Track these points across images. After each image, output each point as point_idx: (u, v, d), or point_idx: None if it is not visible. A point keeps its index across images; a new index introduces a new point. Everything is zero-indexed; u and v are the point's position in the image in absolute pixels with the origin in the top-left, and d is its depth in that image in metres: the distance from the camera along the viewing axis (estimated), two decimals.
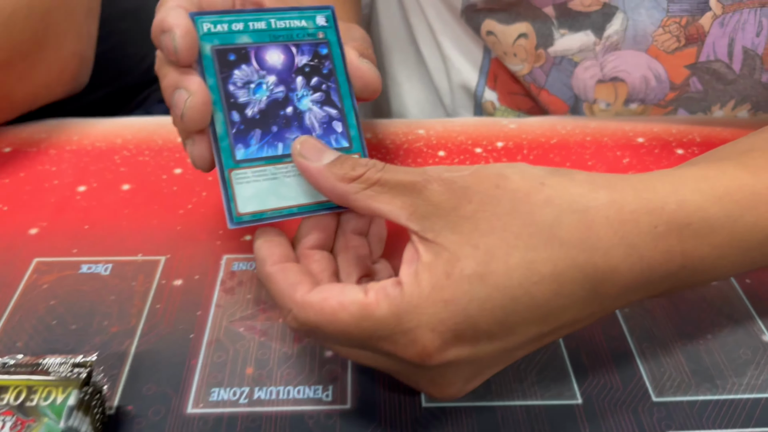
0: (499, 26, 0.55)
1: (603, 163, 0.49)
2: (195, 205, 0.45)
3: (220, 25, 0.33)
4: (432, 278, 0.27)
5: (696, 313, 0.38)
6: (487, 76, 0.60)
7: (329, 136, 0.34)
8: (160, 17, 0.32)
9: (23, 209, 0.45)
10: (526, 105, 0.60)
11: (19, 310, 0.38)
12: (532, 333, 0.28)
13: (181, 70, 0.32)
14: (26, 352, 0.35)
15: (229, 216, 0.31)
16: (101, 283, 0.39)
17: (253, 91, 0.33)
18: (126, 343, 0.36)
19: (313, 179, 0.30)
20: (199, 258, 0.41)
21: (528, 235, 0.27)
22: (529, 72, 0.56)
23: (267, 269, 0.30)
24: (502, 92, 0.60)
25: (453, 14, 0.59)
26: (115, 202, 0.45)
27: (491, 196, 0.28)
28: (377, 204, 0.29)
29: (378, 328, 0.27)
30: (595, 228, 0.28)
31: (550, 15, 0.52)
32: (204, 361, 0.35)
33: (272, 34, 0.34)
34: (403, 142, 0.52)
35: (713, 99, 0.54)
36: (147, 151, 0.50)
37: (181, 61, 0.32)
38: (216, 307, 0.38)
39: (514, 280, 0.27)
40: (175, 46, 0.31)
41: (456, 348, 0.27)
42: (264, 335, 0.37)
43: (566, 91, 0.56)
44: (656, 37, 0.50)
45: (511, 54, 0.56)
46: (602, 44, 0.52)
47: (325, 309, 0.28)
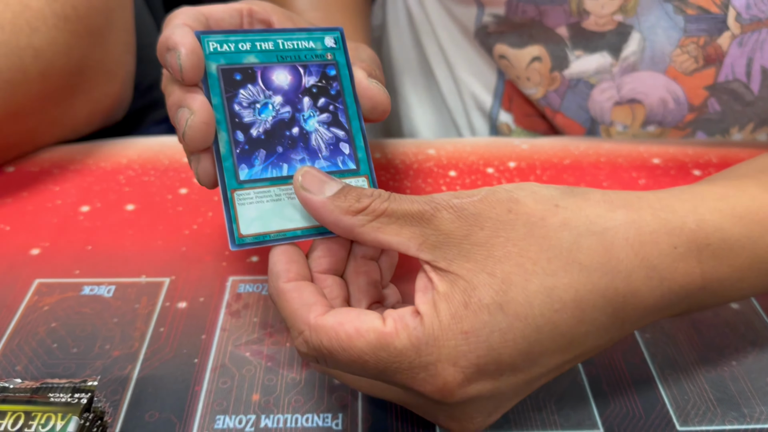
0: (511, 50, 0.55)
1: (619, 185, 0.48)
2: (200, 226, 0.44)
3: (226, 45, 0.33)
4: (450, 308, 0.26)
5: (719, 338, 0.37)
6: (501, 98, 0.59)
7: (336, 157, 0.33)
8: (165, 35, 0.32)
9: (25, 229, 0.44)
10: (542, 127, 0.59)
11: (19, 333, 0.36)
12: (554, 362, 0.27)
13: (185, 88, 0.31)
14: (26, 376, 0.34)
15: (231, 237, 0.30)
16: (103, 305, 0.38)
17: (258, 111, 0.32)
18: (128, 367, 0.35)
19: (317, 213, 0.29)
20: (204, 280, 0.40)
21: (546, 260, 0.26)
22: (544, 96, 0.55)
23: (281, 285, 0.29)
24: (517, 114, 0.59)
25: (466, 36, 0.59)
26: (119, 222, 0.44)
27: (504, 222, 0.27)
28: (384, 236, 0.28)
29: (396, 360, 0.26)
30: (615, 250, 0.27)
31: (564, 36, 0.52)
32: (209, 387, 0.34)
33: (280, 54, 0.34)
34: (413, 162, 0.51)
35: (732, 121, 0.53)
36: (152, 171, 0.49)
37: (186, 79, 0.31)
38: (221, 331, 0.37)
39: (536, 309, 0.26)
40: (180, 65, 0.31)
41: (478, 383, 0.26)
42: (271, 360, 0.35)
43: (582, 113, 0.55)
44: (674, 57, 0.49)
45: (524, 78, 0.56)
46: (619, 65, 0.51)
47: (340, 334, 0.26)
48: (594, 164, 0.50)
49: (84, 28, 0.48)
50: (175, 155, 0.51)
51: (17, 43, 0.44)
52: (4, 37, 0.44)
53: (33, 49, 0.45)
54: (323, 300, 0.28)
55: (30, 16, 0.45)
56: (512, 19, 0.53)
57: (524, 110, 0.59)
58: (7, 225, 0.44)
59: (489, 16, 0.54)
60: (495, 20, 0.54)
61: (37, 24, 0.45)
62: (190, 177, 0.48)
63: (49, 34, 0.46)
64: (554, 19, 0.51)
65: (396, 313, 0.27)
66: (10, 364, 0.35)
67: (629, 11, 0.49)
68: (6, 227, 0.44)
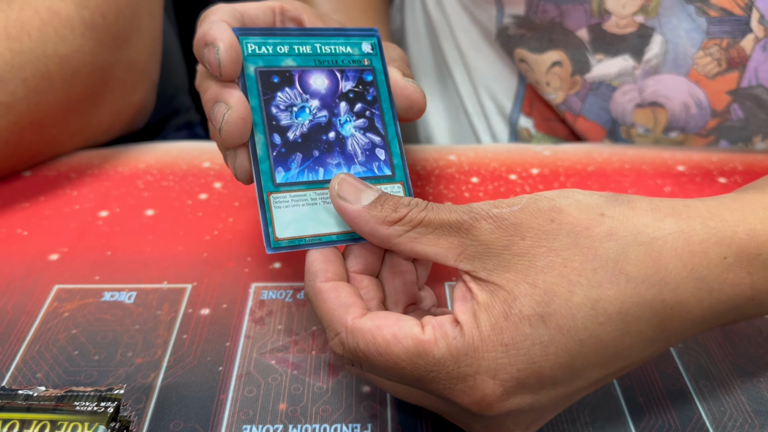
0: (531, 55, 0.54)
1: (644, 192, 0.47)
2: (221, 232, 0.43)
3: (264, 47, 0.33)
4: (491, 319, 0.25)
5: (753, 348, 0.36)
6: (522, 102, 0.59)
7: (372, 163, 0.32)
8: (203, 30, 0.31)
9: (43, 234, 0.43)
10: (563, 132, 0.58)
11: (39, 339, 0.36)
12: (596, 376, 0.26)
13: (222, 84, 0.31)
14: (47, 383, 0.33)
15: (266, 240, 0.30)
16: (125, 311, 0.38)
17: (295, 114, 0.32)
18: (151, 375, 0.34)
19: (353, 223, 0.28)
20: (227, 286, 0.39)
21: (591, 271, 0.26)
22: (564, 100, 0.55)
23: (318, 284, 0.28)
24: (537, 119, 0.59)
25: (487, 40, 0.58)
26: (139, 227, 0.44)
27: (547, 231, 0.26)
28: (422, 246, 0.27)
29: (434, 369, 0.25)
30: (664, 261, 0.26)
31: (584, 39, 0.51)
32: (234, 396, 0.33)
33: (317, 58, 0.33)
34: (434, 168, 0.50)
35: (755, 129, 0.52)
36: (171, 176, 0.49)
37: (224, 75, 0.31)
38: (245, 338, 0.36)
39: (579, 321, 0.25)
40: (218, 59, 0.30)
41: (518, 397, 0.25)
42: (297, 368, 0.35)
43: (603, 114, 0.55)
44: (697, 60, 0.49)
45: (544, 83, 0.55)
46: (641, 68, 0.51)
47: (378, 339, 0.26)
48: (618, 171, 0.50)
49: (111, 36, 0.47)
50: (194, 160, 0.50)
51: (44, 50, 0.44)
52: (31, 45, 0.43)
53: (59, 57, 0.44)
54: (360, 302, 0.28)
55: (58, 24, 0.44)
56: (533, 19, 0.52)
57: (544, 115, 0.58)
58: (25, 230, 0.44)
59: (509, 18, 0.54)
60: (515, 21, 0.54)
61: (65, 32, 0.45)
62: (209, 182, 0.48)
63: (76, 42, 0.45)
64: (575, 20, 0.50)
65: (435, 320, 0.26)
66: (31, 372, 0.34)
67: (650, 12, 0.48)
68: (24, 232, 0.43)
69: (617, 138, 0.55)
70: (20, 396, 0.29)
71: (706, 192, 0.48)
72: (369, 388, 0.34)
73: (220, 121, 0.30)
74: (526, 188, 0.48)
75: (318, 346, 0.36)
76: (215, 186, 0.47)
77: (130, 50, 0.50)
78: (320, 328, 0.37)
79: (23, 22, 0.43)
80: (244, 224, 0.44)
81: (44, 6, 0.44)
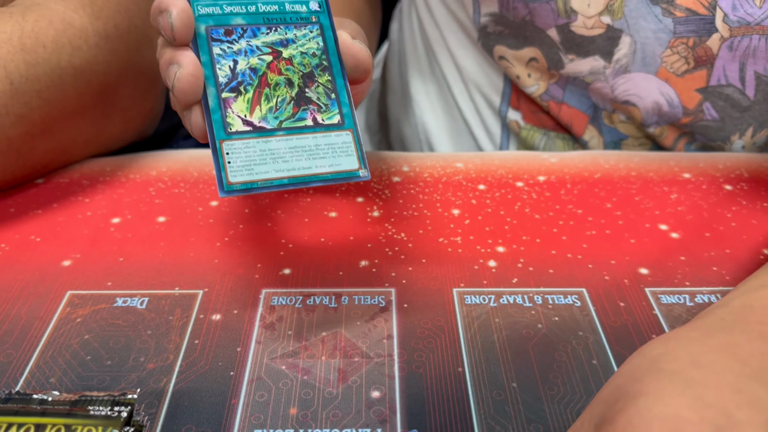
0: (509, 51, 0.56)
1: (651, 199, 0.48)
2: (231, 238, 0.44)
3: (214, 8, 0.35)
4: None
5: None
6: (510, 97, 0.60)
7: None
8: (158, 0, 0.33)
9: (56, 241, 0.44)
10: (550, 122, 0.60)
11: (52, 345, 0.36)
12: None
13: (176, 48, 0.33)
14: (60, 388, 0.34)
15: (219, 185, 0.32)
16: (137, 317, 0.38)
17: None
18: (163, 380, 0.34)
19: None
20: (237, 292, 0.40)
21: None
22: (546, 90, 0.56)
23: None
24: (525, 111, 0.60)
25: (470, 39, 0.60)
26: (150, 234, 0.44)
27: None
28: None
29: None
30: None
31: (555, 39, 0.52)
32: (245, 401, 0.33)
33: (266, 16, 0.35)
34: (441, 176, 0.50)
35: (731, 128, 0.53)
36: (182, 184, 0.49)
37: (177, 39, 0.33)
38: (256, 344, 0.36)
39: None
40: (171, 24, 0.32)
41: None
42: (307, 374, 0.35)
43: (585, 100, 0.56)
44: (665, 58, 0.50)
45: (525, 75, 0.57)
46: (612, 68, 0.52)
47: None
48: (625, 178, 0.50)
49: (123, 46, 0.48)
50: (204, 168, 0.51)
51: (58, 61, 0.44)
52: (46, 56, 0.44)
53: (73, 68, 0.45)
54: None
55: (72, 35, 0.45)
56: (506, 16, 0.54)
57: (531, 107, 0.60)
58: (38, 236, 0.44)
59: (486, 16, 0.56)
60: (492, 19, 0.55)
61: (79, 43, 0.45)
62: None
63: (90, 53, 0.46)
64: (543, 19, 0.52)
65: None
66: (44, 376, 0.35)
67: (616, 12, 0.50)
68: (36, 238, 0.44)
69: (600, 124, 0.56)
70: (35, 400, 0.29)
71: (713, 199, 0.48)
72: (379, 393, 0.34)
73: (172, 80, 0.32)
74: (533, 195, 0.48)
75: (327, 351, 0.36)
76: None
77: (141, 60, 0.50)
78: (330, 333, 0.37)
79: (38, 34, 0.44)
80: (254, 231, 0.45)
81: (58, 18, 0.45)
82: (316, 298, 0.40)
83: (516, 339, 0.37)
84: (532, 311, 0.39)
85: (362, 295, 0.40)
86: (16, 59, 0.43)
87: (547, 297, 0.40)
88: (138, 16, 0.49)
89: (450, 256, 0.43)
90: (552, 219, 0.46)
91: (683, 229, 0.45)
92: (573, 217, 0.46)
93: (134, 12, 0.49)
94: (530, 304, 0.39)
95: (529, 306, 0.39)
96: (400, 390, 0.34)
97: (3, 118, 0.43)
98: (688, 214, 0.46)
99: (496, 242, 0.44)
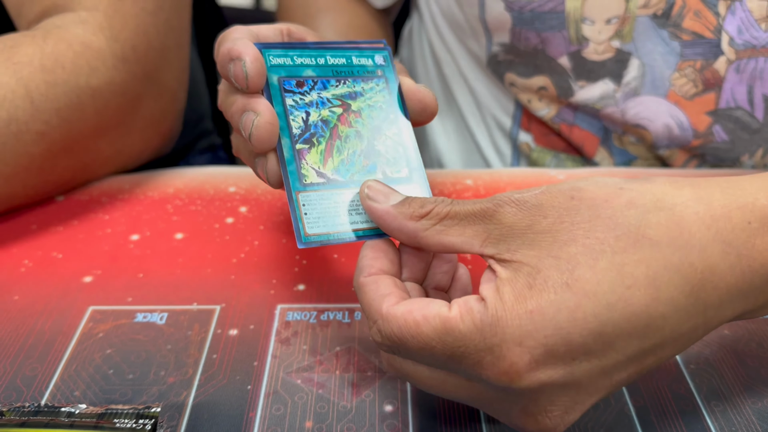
0: (519, 79, 0.57)
1: None
2: (247, 255, 0.45)
3: (285, 59, 0.35)
4: (514, 291, 0.26)
5: (764, 370, 0.37)
6: (520, 120, 0.61)
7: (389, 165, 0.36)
8: (227, 47, 0.34)
9: (77, 257, 0.45)
10: (561, 144, 0.61)
11: (75, 359, 0.38)
12: (631, 348, 0.26)
13: (249, 95, 0.33)
14: (84, 401, 0.35)
15: (297, 237, 0.32)
16: (157, 332, 0.39)
17: None
18: (183, 393, 0.36)
19: (381, 220, 0.31)
20: (254, 307, 0.41)
21: (614, 239, 0.26)
22: (557, 113, 0.57)
23: (361, 279, 0.30)
24: (536, 134, 0.62)
25: (481, 65, 0.61)
26: (169, 250, 0.45)
27: (567, 208, 0.27)
28: (449, 237, 0.29)
29: (461, 344, 0.26)
30: (686, 225, 0.27)
31: (566, 67, 0.54)
32: (262, 414, 0.35)
33: (334, 69, 0.36)
34: (450, 192, 0.52)
35: (741, 150, 0.54)
36: (198, 201, 0.50)
37: (251, 86, 0.33)
38: (272, 358, 0.38)
39: (605, 285, 0.25)
40: (246, 72, 0.33)
41: (549, 367, 0.26)
42: (322, 387, 0.36)
43: (596, 123, 0.57)
44: (674, 81, 0.51)
45: (536, 99, 0.58)
46: (622, 90, 0.53)
47: (408, 321, 0.27)
48: None
49: (141, 68, 0.50)
50: (220, 185, 0.52)
51: (76, 82, 0.46)
52: (65, 76, 0.46)
53: (91, 88, 0.47)
54: (398, 291, 0.29)
55: (90, 57, 0.47)
56: (517, 46, 0.55)
57: (542, 130, 0.61)
58: (60, 253, 0.46)
59: (497, 46, 0.57)
60: (503, 49, 0.57)
61: (97, 64, 0.47)
62: (235, 206, 0.50)
63: (107, 74, 0.47)
64: (555, 47, 0.53)
65: (462, 299, 0.27)
66: (69, 390, 0.36)
67: (625, 36, 0.51)
68: (58, 255, 0.45)
69: (611, 145, 0.57)
70: (63, 413, 0.31)
71: None
72: (392, 407, 0.35)
73: (249, 128, 0.32)
74: None
75: (342, 365, 0.37)
76: (241, 210, 0.49)
77: (159, 81, 0.52)
78: (344, 348, 0.38)
79: (57, 55, 0.46)
80: (269, 247, 0.46)
81: (77, 40, 0.47)
82: (329, 313, 0.41)
83: None
84: None
85: None
86: (37, 79, 0.45)
87: None
88: (157, 39, 0.50)
89: None
90: None
91: None
92: None
93: (153, 35, 0.50)
94: None
95: None
96: (413, 404, 0.35)
97: (24, 135, 0.45)
98: None
99: None
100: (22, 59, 0.45)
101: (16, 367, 0.37)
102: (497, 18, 0.54)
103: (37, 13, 0.50)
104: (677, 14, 0.49)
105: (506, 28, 0.54)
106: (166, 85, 0.53)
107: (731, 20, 0.48)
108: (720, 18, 0.48)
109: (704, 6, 0.48)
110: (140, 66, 0.50)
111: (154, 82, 0.51)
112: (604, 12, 0.50)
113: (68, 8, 0.49)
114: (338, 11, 0.61)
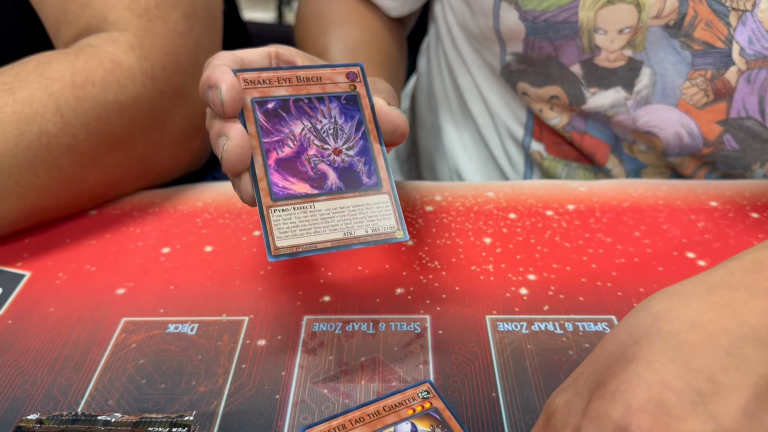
0: (531, 89, 0.59)
1: (678, 227, 0.49)
2: (274, 267, 0.46)
3: (260, 81, 0.37)
4: None
5: None
6: (532, 129, 0.62)
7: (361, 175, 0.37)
8: (206, 74, 0.35)
9: (110, 270, 0.46)
10: (573, 153, 0.62)
11: (109, 369, 0.39)
12: None
13: (225, 120, 0.35)
14: (118, 409, 0.36)
15: (268, 250, 0.34)
16: (188, 342, 0.40)
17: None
18: (214, 402, 0.37)
19: None
20: (281, 318, 0.42)
21: None
22: (568, 122, 0.58)
23: None
24: (548, 143, 0.63)
25: (495, 74, 0.62)
26: (198, 263, 0.47)
27: None
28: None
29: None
30: None
31: (578, 74, 0.54)
32: (290, 423, 0.35)
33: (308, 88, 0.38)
34: (473, 205, 0.52)
35: (752, 158, 0.55)
36: (227, 215, 0.52)
37: (227, 112, 0.34)
38: (299, 368, 0.39)
39: None
40: (221, 99, 0.34)
41: None
42: (348, 397, 0.37)
43: (606, 131, 0.58)
44: (684, 90, 0.52)
45: (547, 109, 0.59)
46: (633, 98, 0.54)
47: None
48: (653, 207, 0.52)
49: (170, 87, 0.51)
50: None
51: (105, 98, 0.48)
52: (94, 92, 0.47)
53: (119, 104, 0.48)
54: None
55: (120, 74, 0.48)
56: (530, 55, 0.56)
57: (553, 139, 0.62)
58: (93, 266, 0.47)
59: (510, 55, 0.58)
60: (516, 58, 0.58)
61: (126, 82, 0.48)
62: None
63: (136, 91, 0.49)
64: (568, 56, 0.54)
65: None
66: (103, 399, 0.37)
67: (637, 46, 0.52)
68: (92, 268, 0.47)
69: (621, 153, 0.58)
70: (99, 422, 0.32)
71: (739, 227, 0.49)
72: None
73: (221, 151, 0.34)
74: (563, 224, 0.50)
75: (366, 376, 0.38)
76: None
77: (188, 100, 0.53)
78: (369, 358, 0.39)
79: (88, 72, 0.47)
80: (294, 260, 0.47)
81: (108, 57, 0.48)
82: (354, 324, 0.42)
83: (548, 365, 0.38)
84: (563, 338, 0.40)
85: (398, 321, 0.42)
86: (67, 94, 0.46)
87: (577, 324, 0.41)
88: (186, 58, 0.52)
89: (482, 284, 0.44)
90: (581, 247, 0.47)
91: (710, 256, 0.46)
92: (602, 245, 0.48)
93: (183, 55, 0.52)
94: (561, 331, 0.41)
95: (560, 333, 0.40)
96: None
97: (54, 147, 0.46)
98: (715, 242, 0.48)
99: (527, 270, 0.45)
100: (53, 75, 0.47)
101: (52, 377, 0.38)
102: (511, 28, 0.55)
103: (73, 34, 0.52)
104: (689, 24, 0.50)
105: (520, 38, 0.55)
106: (195, 104, 0.54)
107: (742, 30, 0.49)
108: (731, 28, 0.49)
109: (715, 16, 0.49)
110: (169, 85, 0.51)
111: (183, 100, 0.53)
112: (616, 22, 0.51)
113: (102, 29, 0.51)
114: (351, 24, 0.62)
